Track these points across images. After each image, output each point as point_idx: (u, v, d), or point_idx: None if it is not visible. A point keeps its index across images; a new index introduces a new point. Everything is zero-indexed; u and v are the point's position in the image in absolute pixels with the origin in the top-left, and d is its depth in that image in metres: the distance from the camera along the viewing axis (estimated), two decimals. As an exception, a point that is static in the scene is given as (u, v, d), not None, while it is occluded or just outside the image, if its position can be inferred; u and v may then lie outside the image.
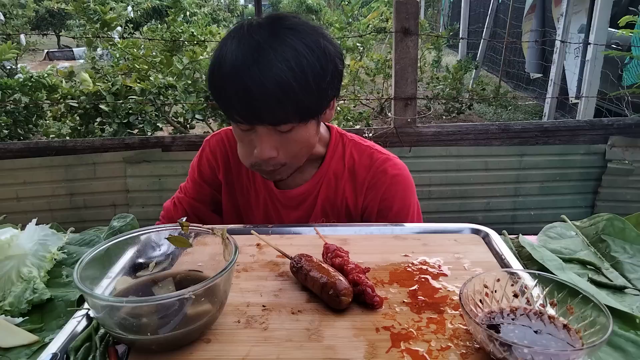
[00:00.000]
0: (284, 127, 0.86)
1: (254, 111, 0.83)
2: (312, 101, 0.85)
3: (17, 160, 2.45)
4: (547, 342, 0.57)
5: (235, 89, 0.82)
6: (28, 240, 0.88)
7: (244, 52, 0.81)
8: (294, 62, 0.80)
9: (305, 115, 0.86)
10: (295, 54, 0.81)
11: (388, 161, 1.05)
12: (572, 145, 2.55)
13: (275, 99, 0.81)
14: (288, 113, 0.83)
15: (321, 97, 0.86)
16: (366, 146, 1.07)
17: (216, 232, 0.70)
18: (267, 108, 0.82)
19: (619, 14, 3.60)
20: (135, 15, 8.82)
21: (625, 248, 0.87)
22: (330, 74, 0.86)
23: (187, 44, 3.25)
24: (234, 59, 0.82)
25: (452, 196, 2.62)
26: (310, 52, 0.82)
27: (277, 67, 0.79)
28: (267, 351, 0.60)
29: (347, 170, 1.06)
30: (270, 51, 0.80)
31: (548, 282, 0.64)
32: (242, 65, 0.81)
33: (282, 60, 0.80)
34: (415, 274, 0.76)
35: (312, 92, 0.83)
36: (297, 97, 0.81)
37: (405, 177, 1.05)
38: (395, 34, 2.37)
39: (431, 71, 6.16)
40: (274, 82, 0.79)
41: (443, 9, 10.65)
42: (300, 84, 0.81)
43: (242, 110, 0.84)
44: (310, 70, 0.82)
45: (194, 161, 1.15)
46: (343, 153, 1.06)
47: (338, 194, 1.06)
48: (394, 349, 0.60)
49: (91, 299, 0.58)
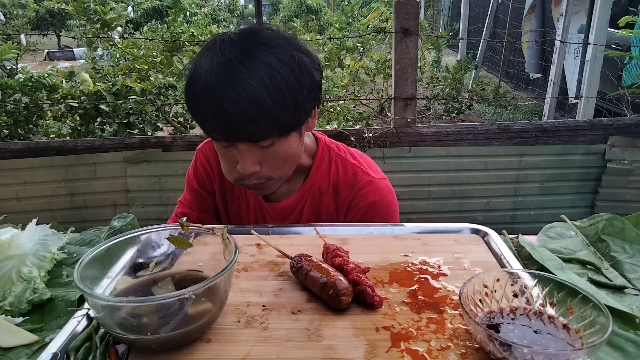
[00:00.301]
0: (263, 143, 0.85)
1: (231, 128, 0.82)
2: (290, 116, 0.83)
3: (17, 160, 2.45)
4: (546, 342, 0.57)
5: (210, 108, 0.81)
6: (28, 240, 0.88)
7: (217, 70, 0.80)
8: (267, 78, 0.79)
9: (284, 130, 0.85)
10: (269, 70, 0.79)
11: (370, 185, 1.02)
12: (571, 145, 2.55)
13: (251, 117, 0.79)
14: (265, 130, 0.82)
15: (298, 110, 0.84)
16: (352, 164, 1.05)
17: (216, 232, 0.70)
18: (243, 126, 0.81)
19: (618, 14, 3.61)
20: (135, 16, 8.82)
21: (624, 248, 0.87)
22: (307, 87, 0.84)
23: (187, 44, 3.25)
24: (207, 78, 0.80)
25: (451, 196, 2.62)
26: (284, 67, 0.80)
27: (251, 85, 0.78)
28: (267, 351, 0.60)
29: (331, 186, 1.04)
30: (242, 69, 0.79)
31: (548, 282, 0.64)
32: (215, 84, 0.79)
33: (256, 77, 0.78)
34: (415, 274, 0.76)
35: (289, 107, 0.81)
36: (273, 114, 0.80)
37: (386, 204, 1.03)
38: (395, 34, 2.37)
39: (431, 71, 6.17)
40: (248, 100, 0.78)
41: (443, 9, 10.65)
42: (275, 101, 0.79)
43: (218, 129, 0.83)
44: (285, 86, 0.80)
45: (189, 172, 1.14)
46: (329, 167, 1.05)
47: (322, 207, 1.05)
48: (394, 349, 0.60)
49: (91, 298, 0.58)
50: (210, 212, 1.13)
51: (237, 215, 1.11)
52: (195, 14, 8.64)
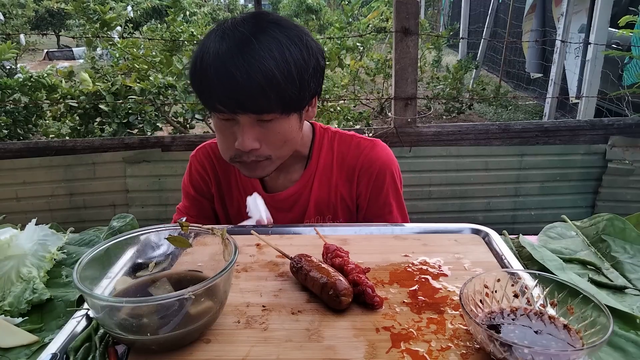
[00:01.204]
0: (266, 117, 0.86)
1: (238, 99, 0.83)
2: (295, 92, 0.86)
3: (16, 160, 2.45)
4: (547, 343, 0.57)
5: (219, 76, 0.83)
6: (28, 240, 0.88)
7: (229, 43, 0.83)
8: (277, 52, 0.83)
9: (288, 106, 0.87)
10: (279, 46, 0.83)
11: (375, 147, 1.07)
12: (572, 145, 2.55)
13: (259, 88, 0.82)
14: (271, 102, 0.84)
15: (303, 88, 0.87)
16: (350, 135, 1.09)
17: (216, 232, 0.70)
18: (250, 96, 0.83)
19: (619, 13, 3.60)
20: (135, 15, 8.82)
21: (625, 248, 0.87)
22: (313, 67, 0.88)
23: (186, 44, 3.25)
24: (218, 49, 0.83)
25: (452, 196, 2.62)
26: (293, 45, 0.85)
27: (262, 56, 0.81)
28: (267, 351, 0.60)
29: (336, 163, 1.07)
30: (254, 42, 0.82)
31: (548, 282, 0.64)
32: (227, 54, 0.82)
33: (266, 50, 0.82)
34: (416, 274, 0.76)
35: (295, 82, 0.85)
36: (279, 87, 0.83)
37: (391, 164, 1.08)
38: (395, 34, 2.37)
39: (431, 71, 6.16)
40: (258, 71, 0.81)
41: (443, 8, 10.65)
42: (283, 74, 0.83)
43: (225, 99, 0.84)
44: (293, 62, 0.84)
45: (185, 179, 1.15)
46: (330, 147, 1.08)
47: (331, 189, 1.07)
48: (394, 349, 0.60)
49: (91, 299, 0.58)
50: (210, 219, 1.13)
51: (237, 217, 1.11)
52: (194, 13, 8.64)
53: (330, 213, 1.08)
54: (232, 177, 1.11)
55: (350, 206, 1.08)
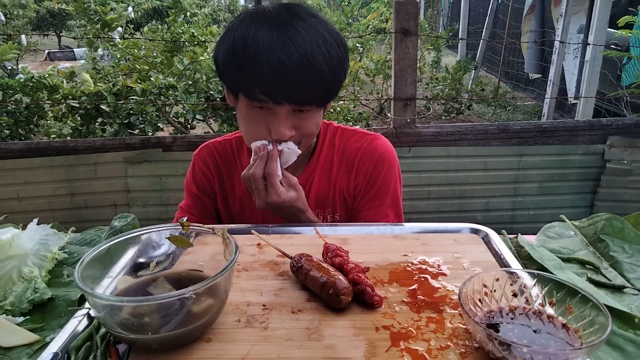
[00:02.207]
0: (304, 108, 0.89)
1: (285, 88, 0.84)
2: (334, 83, 0.89)
3: (18, 160, 2.45)
4: (546, 342, 0.57)
5: (268, 63, 0.82)
6: (29, 240, 0.88)
7: (274, 31, 0.83)
8: (322, 43, 0.85)
9: (326, 99, 0.91)
10: (322, 37, 0.86)
11: (375, 140, 1.09)
12: (571, 145, 2.55)
13: (308, 77, 0.83)
14: (315, 92, 0.86)
15: (340, 80, 0.90)
16: (352, 130, 1.12)
17: (217, 231, 0.70)
18: (297, 85, 0.84)
19: (618, 14, 3.61)
20: (135, 16, 8.83)
21: (624, 248, 0.88)
22: (347, 61, 0.92)
23: (187, 45, 3.25)
24: (266, 35, 0.83)
25: (451, 196, 2.62)
26: (331, 38, 0.87)
27: (309, 46, 0.83)
28: (267, 350, 0.60)
29: (337, 157, 1.08)
30: (301, 30, 0.84)
31: (547, 282, 0.64)
32: (276, 42, 0.82)
33: (313, 40, 0.84)
34: (415, 274, 0.77)
35: (336, 73, 0.87)
36: (324, 76, 0.85)
37: (390, 156, 1.09)
38: (394, 35, 2.38)
39: (431, 72, 6.17)
40: (306, 60, 0.82)
41: (442, 9, 10.65)
42: (328, 65, 0.85)
43: (271, 88, 0.84)
44: (335, 53, 0.87)
45: (188, 178, 1.15)
46: (332, 141, 1.09)
47: (331, 183, 1.08)
48: (394, 348, 0.60)
49: (92, 298, 0.59)
50: (212, 217, 1.14)
51: (240, 214, 1.11)
52: (195, 14, 8.64)
53: (329, 207, 1.09)
54: (235, 175, 1.11)
55: (348, 200, 1.09)
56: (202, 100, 2.92)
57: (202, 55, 3.07)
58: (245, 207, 1.11)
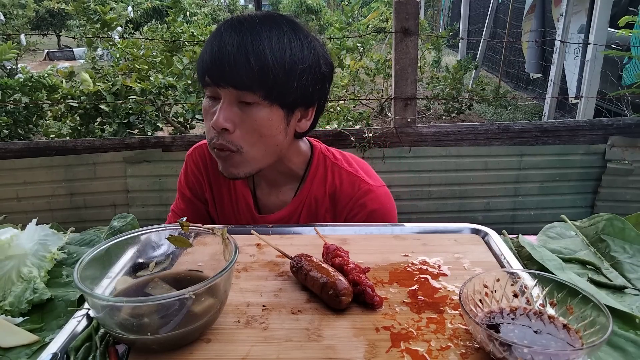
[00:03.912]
0: (246, 97, 0.85)
1: (222, 68, 0.83)
2: (281, 78, 0.84)
3: (17, 160, 2.45)
4: (546, 342, 0.57)
5: (211, 47, 0.84)
6: (28, 240, 0.88)
7: (235, 27, 0.85)
8: (276, 38, 0.84)
9: (270, 91, 0.85)
10: (281, 35, 0.85)
11: (369, 193, 1.00)
12: (571, 145, 2.55)
13: (245, 59, 0.82)
14: (254, 79, 0.83)
15: (291, 78, 0.85)
16: (349, 172, 1.02)
17: (216, 232, 0.70)
18: (234, 67, 0.82)
19: (618, 14, 3.61)
20: (135, 16, 8.83)
21: (625, 248, 0.87)
22: (310, 65, 0.87)
23: (187, 44, 3.25)
24: (221, 27, 0.86)
25: (451, 196, 2.62)
26: (296, 39, 0.86)
27: (260, 36, 0.83)
28: (267, 351, 0.60)
29: (328, 197, 1.01)
30: (259, 28, 0.84)
31: (548, 282, 0.64)
32: (228, 32, 0.84)
33: (266, 34, 0.84)
34: (415, 274, 0.76)
35: (283, 67, 0.84)
36: (266, 65, 0.82)
37: (385, 212, 1.01)
38: (395, 34, 2.37)
39: (431, 71, 6.17)
40: (249, 45, 0.82)
41: (443, 9, 10.65)
42: (274, 55, 0.83)
43: (211, 67, 0.84)
44: (289, 50, 0.84)
45: (181, 179, 1.10)
46: (324, 176, 1.02)
47: (319, 218, 1.02)
48: (394, 349, 0.60)
49: (91, 298, 0.58)
50: (206, 222, 1.08)
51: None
52: (195, 14, 8.64)
53: None
54: (224, 188, 1.06)
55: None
56: (202, 99, 2.92)
57: (202, 55, 3.06)
58: (232, 221, 1.05)
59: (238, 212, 1.06)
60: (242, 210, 1.05)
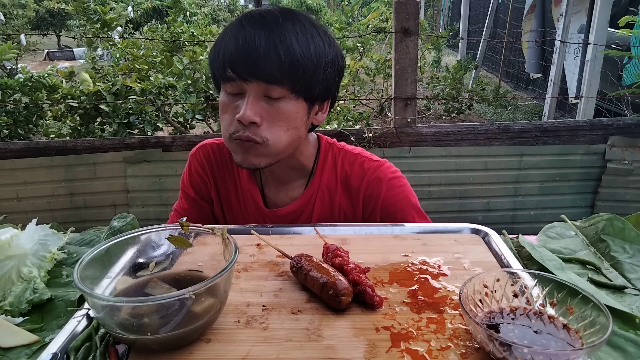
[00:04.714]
0: (274, 91, 0.84)
1: (251, 62, 0.82)
2: (309, 73, 0.85)
3: (17, 160, 2.45)
4: (546, 342, 0.57)
5: (235, 40, 0.83)
6: (28, 240, 0.88)
7: (255, 21, 0.84)
8: (301, 33, 0.84)
9: (299, 84, 0.85)
10: (304, 30, 0.85)
11: (380, 167, 1.02)
12: (571, 145, 2.55)
13: (276, 54, 0.82)
14: (283, 73, 0.83)
15: (317, 72, 0.87)
16: (356, 154, 1.04)
17: (216, 232, 0.70)
18: (264, 61, 0.82)
19: (618, 14, 3.61)
20: (135, 16, 8.83)
21: (625, 248, 0.87)
22: (331, 59, 0.89)
23: (187, 44, 3.25)
24: (241, 21, 0.85)
25: (451, 196, 2.62)
26: (317, 35, 0.87)
27: (286, 30, 0.83)
28: (267, 351, 0.60)
29: (340, 182, 1.02)
30: (282, 20, 0.84)
31: (548, 282, 0.64)
32: (251, 25, 0.83)
33: (291, 29, 0.84)
34: (415, 274, 0.76)
35: (312, 61, 0.85)
36: (296, 59, 0.83)
37: (400, 179, 1.04)
38: (395, 34, 2.37)
39: (431, 71, 6.17)
40: (278, 40, 0.82)
41: (443, 9, 10.65)
42: (301, 49, 0.84)
43: (237, 61, 0.83)
44: (314, 44, 0.86)
45: (184, 179, 1.09)
46: (334, 164, 1.03)
47: (334, 207, 1.02)
48: (394, 349, 0.60)
49: (91, 298, 0.58)
50: (210, 222, 1.09)
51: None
52: (195, 14, 8.64)
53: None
54: (230, 186, 1.05)
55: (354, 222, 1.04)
56: (202, 99, 2.92)
57: (201, 55, 3.07)
58: (240, 219, 1.05)
59: (246, 211, 1.05)
60: (250, 208, 1.05)
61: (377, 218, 1.02)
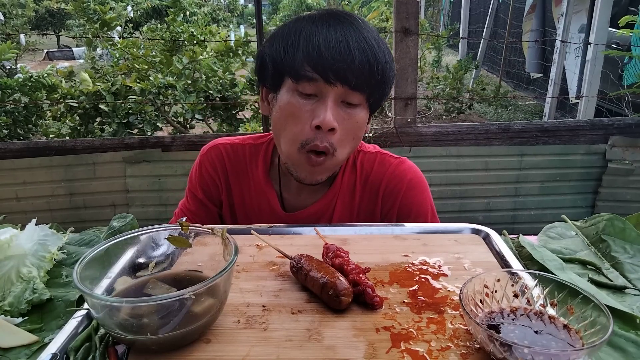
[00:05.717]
0: (354, 97, 0.82)
1: (343, 65, 0.79)
2: (386, 82, 0.85)
3: (16, 160, 2.45)
4: (547, 343, 0.57)
5: (326, 38, 0.79)
6: (28, 240, 0.87)
7: (335, 20, 0.83)
8: (380, 41, 0.84)
9: (376, 93, 0.85)
10: (379, 38, 0.85)
11: (402, 165, 1.00)
12: (572, 145, 2.55)
13: (368, 61, 0.80)
14: (370, 80, 0.82)
15: (390, 84, 0.87)
16: (374, 153, 1.02)
17: (216, 232, 0.70)
18: (358, 65, 0.79)
19: (619, 13, 3.61)
20: (135, 15, 8.83)
21: (625, 248, 0.87)
22: (394, 72, 0.89)
23: (186, 44, 3.25)
24: (318, 18, 0.83)
25: (452, 196, 2.62)
26: (383, 45, 0.86)
27: (369, 37, 0.82)
28: (267, 351, 0.60)
29: (360, 182, 1.00)
30: (362, 24, 0.83)
31: (548, 282, 0.64)
32: (332, 26, 0.81)
33: (371, 35, 0.83)
34: (416, 274, 0.76)
35: (392, 72, 0.85)
36: (382, 68, 0.82)
37: (420, 179, 1.01)
38: (395, 34, 2.37)
39: (431, 71, 6.17)
40: (366, 45, 0.81)
41: (443, 8, 10.65)
42: (387, 58, 0.83)
43: (327, 62, 0.78)
44: (389, 55, 0.86)
45: (193, 179, 1.04)
46: (354, 165, 1.01)
47: (354, 209, 1.00)
48: (394, 349, 0.60)
49: (91, 299, 0.58)
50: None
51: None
52: (194, 13, 8.63)
53: None
54: (245, 188, 1.01)
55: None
56: (202, 99, 2.92)
57: (201, 55, 3.07)
58: (254, 221, 1.02)
59: (260, 214, 1.02)
60: (264, 212, 1.01)
61: (394, 217, 1.00)
